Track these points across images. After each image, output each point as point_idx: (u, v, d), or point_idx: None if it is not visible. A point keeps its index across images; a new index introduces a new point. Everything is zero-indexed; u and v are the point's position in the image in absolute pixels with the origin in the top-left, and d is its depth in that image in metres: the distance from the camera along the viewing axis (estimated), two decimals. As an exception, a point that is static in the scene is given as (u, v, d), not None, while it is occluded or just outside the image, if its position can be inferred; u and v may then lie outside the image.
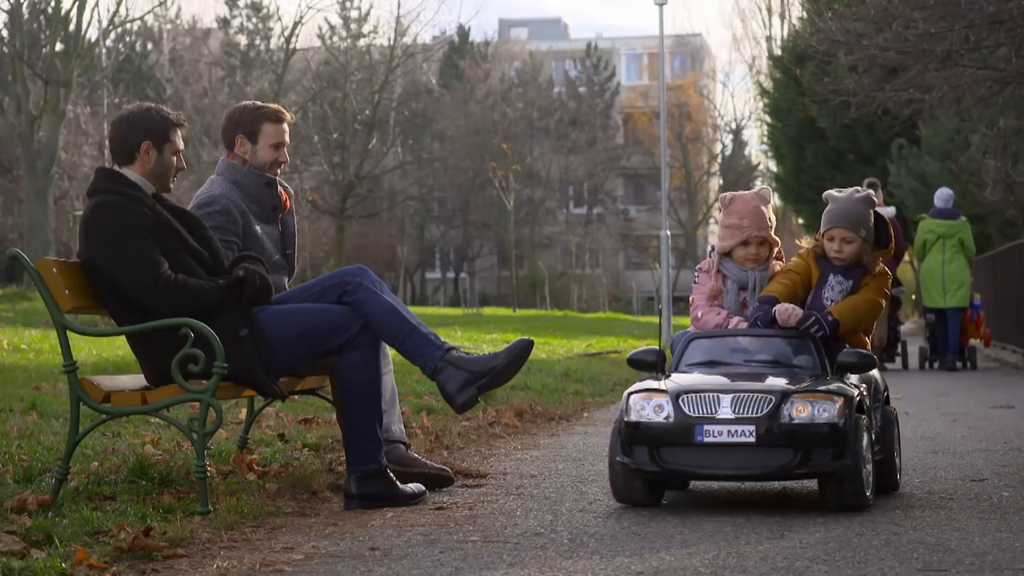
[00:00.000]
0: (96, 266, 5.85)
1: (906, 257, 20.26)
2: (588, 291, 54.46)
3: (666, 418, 5.66)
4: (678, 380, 5.85)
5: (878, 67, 17.83)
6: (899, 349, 17.79)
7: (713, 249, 6.48)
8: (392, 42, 39.84)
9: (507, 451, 8.25)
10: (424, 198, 56.07)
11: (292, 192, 6.95)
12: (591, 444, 8.58)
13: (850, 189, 6.41)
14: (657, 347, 6.15)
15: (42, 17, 41.46)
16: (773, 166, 45.63)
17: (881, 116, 21.23)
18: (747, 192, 6.53)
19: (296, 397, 8.67)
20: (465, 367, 6.02)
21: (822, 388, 5.74)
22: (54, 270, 5.72)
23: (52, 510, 5.42)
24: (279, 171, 6.74)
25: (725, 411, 5.62)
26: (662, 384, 5.82)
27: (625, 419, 5.74)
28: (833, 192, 6.42)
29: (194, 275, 5.88)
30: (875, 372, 6.39)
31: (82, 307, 5.90)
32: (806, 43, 22.42)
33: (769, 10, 58.19)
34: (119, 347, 14.76)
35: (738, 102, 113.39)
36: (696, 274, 6.56)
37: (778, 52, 41.37)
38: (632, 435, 5.73)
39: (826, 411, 5.61)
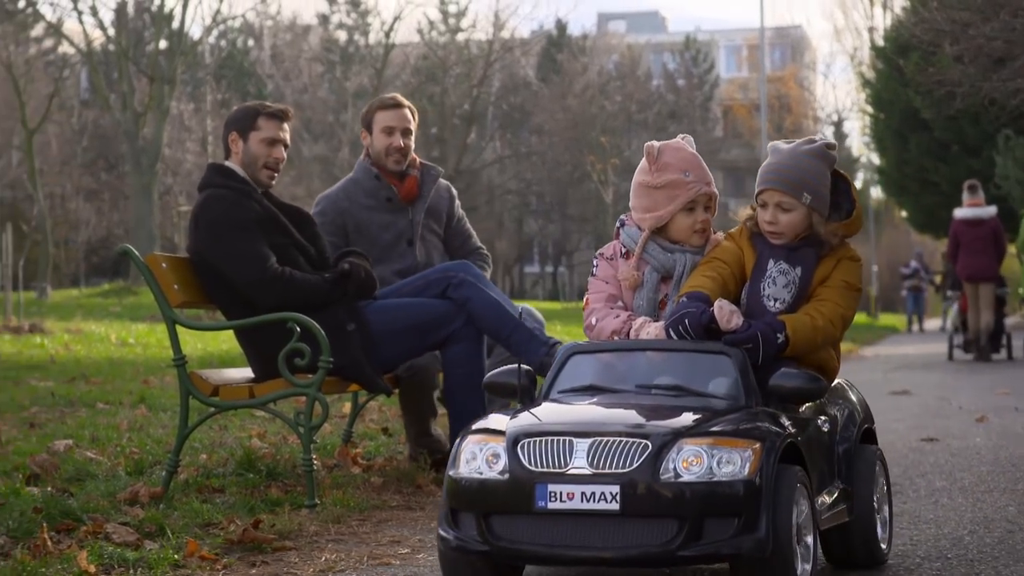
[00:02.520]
0: (204, 260, 5.91)
1: (1011, 250, 19.87)
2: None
3: (501, 473, 3.97)
4: (528, 416, 4.13)
5: (984, 57, 17.57)
6: (1004, 341, 17.89)
7: (623, 225, 4.73)
8: (490, 36, 39.88)
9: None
10: (522, 192, 56.15)
11: (436, 175, 6.84)
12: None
13: (801, 140, 4.70)
14: (528, 367, 4.44)
15: (147, 15, 42.04)
16: (875, 158, 45.09)
17: (987, 106, 20.91)
18: (676, 139, 4.79)
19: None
20: (570, 362, 5.99)
21: (727, 427, 4.01)
22: (163, 265, 5.79)
23: (163, 502, 5.49)
24: (397, 158, 6.69)
25: (579, 463, 3.91)
26: (506, 422, 4.10)
27: (449, 472, 4.08)
28: (779, 143, 4.75)
29: (300, 270, 5.92)
30: (852, 395, 4.80)
31: (190, 302, 5.96)
32: (910, 33, 22.14)
33: (871, 0, 57.49)
34: (223, 341, 14.94)
35: (839, 93, 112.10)
36: (595, 264, 4.75)
37: (881, 43, 40.85)
38: (456, 496, 4.05)
39: (730, 462, 3.90)
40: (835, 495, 4.44)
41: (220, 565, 4.60)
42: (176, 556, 4.60)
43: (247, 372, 6.14)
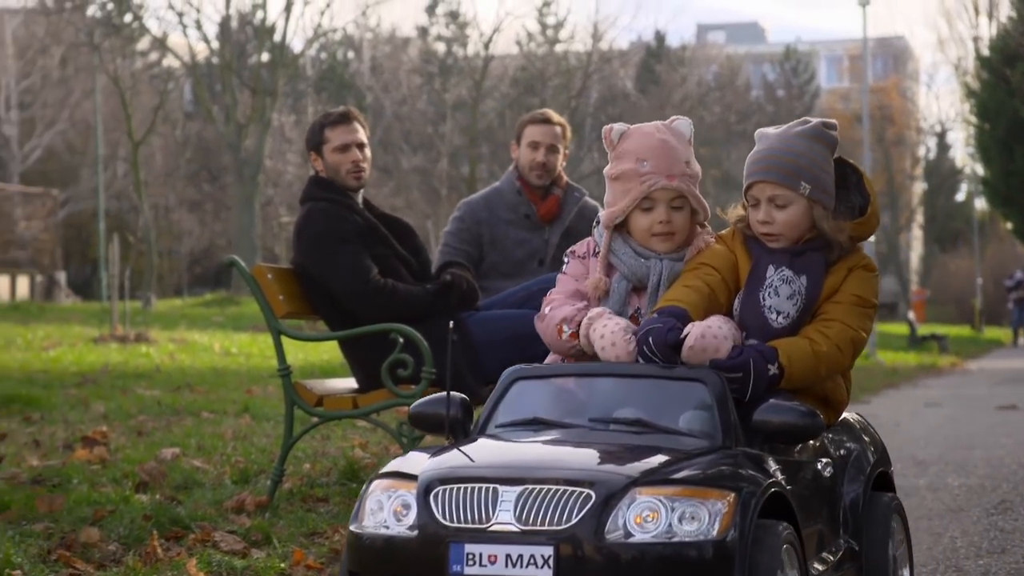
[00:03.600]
0: (308, 271, 5.97)
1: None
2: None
3: (410, 528, 3.29)
4: (450, 456, 3.43)
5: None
6: None
7: (598, 223, 4.07)
8: (589, 48, 39.89)
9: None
10: (620, 203, 56.00)
11: (579, 197, 6.73)
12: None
13: (793, 122, 4.00)
14: (462, 395, 3.72)
15: (250, 28, 42.55)
16: (980, 169, 44.46)
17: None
18: (652, 123, 4.12)
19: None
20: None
21: (694, 473, 3.27)
22: (268, 276, 5.84)
23: (268, 511, 5.54)
24: (540, 174, 6.62)
25: (505, 517, 3.21)
26: (423, 463, 3.38)
27: (351, 526, 3.42)
28: (766, 129, 4.05)
29: (402, 280, 5.96)
30: (863, 432, 4.10)
31: (295, 312, 6.01)
32: (1016, 43, 21.81)
33: (976, 10, 56.72)
34: (324, 351, 15.06)
35: (942, 104, 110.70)
36: (566, 261, 4.10)
37: (986, 52, 40.28)
38: (357, 556, 3.38)
39: (695, 518, 3.18)
40: (839, 555, 3.73)
41: (326, 574, 4.63)
42: (283, 565, 4.64)
43: (349, 382, 6.18)
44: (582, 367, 3.74)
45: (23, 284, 35.29)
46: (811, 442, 3.76)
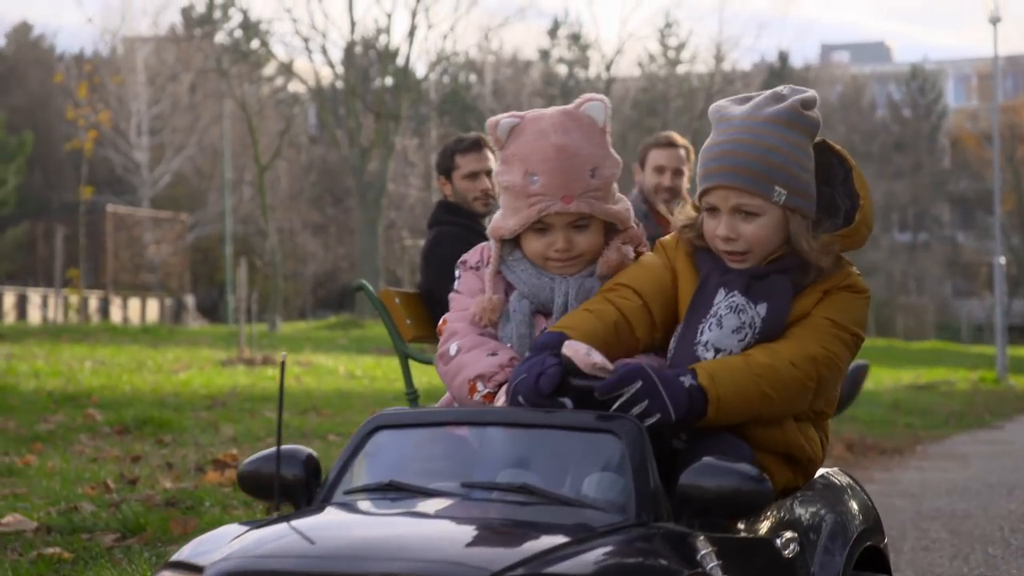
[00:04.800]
0: (435, 296, 5.98)
1: None
2: (913, 319, 52.96)
3: None
4: (255, 539, 2.57)
5: None
6: None
7: None
8: (711, 69, 39.72)
9: (840, 485, 8.05)
10: (743, 225, 55.68)
11: None
12: (928, 480, 8.30)
13: (760, 97, 3.05)
14: (307, 450, 2.94)
15: (373, 53, 42.99)
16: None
17: None
18: (549, 112, 3.22)
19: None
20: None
21: (584, 566, 2.39)
22: (396, 300, 5.86)
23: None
24: (666, 197, 6.61)
25: None
26: (221, 549, 2.58)
27: None
28: (725, 104, 3.12)
29: (529, 305, 5.95)
30: (846, 496, 3.22)
31: (421, 336, 6.02)
32: None
33: (1108, 26, 55.49)
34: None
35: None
36: (457, 275, 3.34)
37: (1119, 69, 39.39)
38: None
39: None
40: None
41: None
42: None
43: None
44: (460, 413, 2.93)
45: (153, 307, 35.94)
46: (771, 511, 2.91)
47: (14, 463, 7.24)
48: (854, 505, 3.19)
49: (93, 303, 32.90)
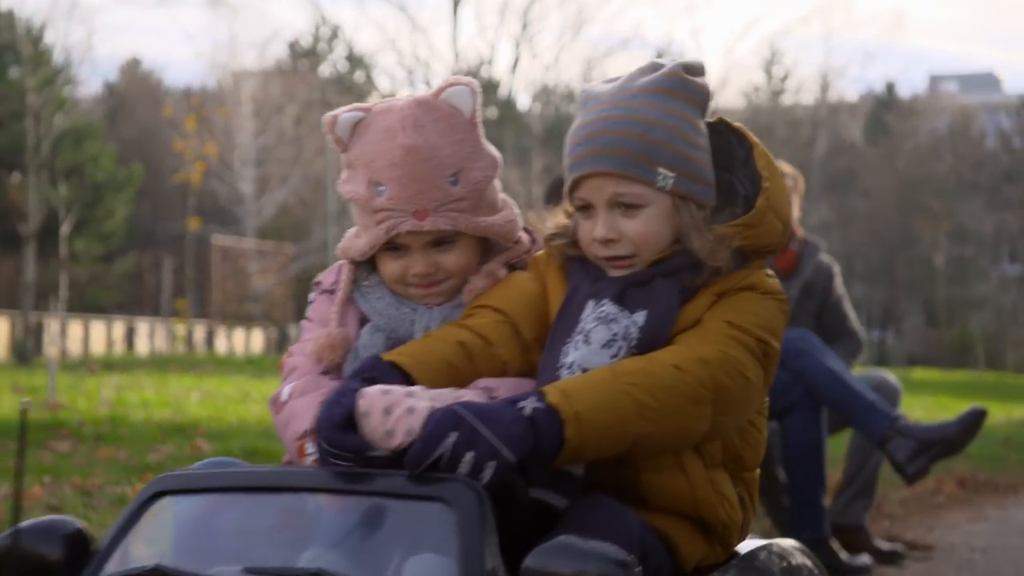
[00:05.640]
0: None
1: None
2: (1024, 353, 52.03)
3: None
4: None
5: None
6: None
7: None
8: (817, 99, 39.44)
9: (953, 522, 7.91)
10: (849, 256, 55.14)
11: (816, 250, 6.56)
12: (1044, 518, 8.13)
13: (636, 70, 2.51)
14: (76, 523, 2.32)
15: (476, 85, 43.26)
16: None
17: None
18: (400, 103, 2.65)
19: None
20: (915, 436, 5.79)
21: None
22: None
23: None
24: None
25: None
26: None
27: None
28: (594, 83, 2.58)
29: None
30: (791, 569, 2.61)
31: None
32: None
33: None
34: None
35: None
36: (311, 296, 2.80)
37: None
38: None
39: None
40: None
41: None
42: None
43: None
44: (254, 476, 2.32)
45: (257, 337, 36.32)
46: None
47: (126, 493, 7.32)
48: None
49: (199, 333, 33.32)
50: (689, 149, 2.45)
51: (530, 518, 2.25)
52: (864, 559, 5.97)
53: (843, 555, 5.87)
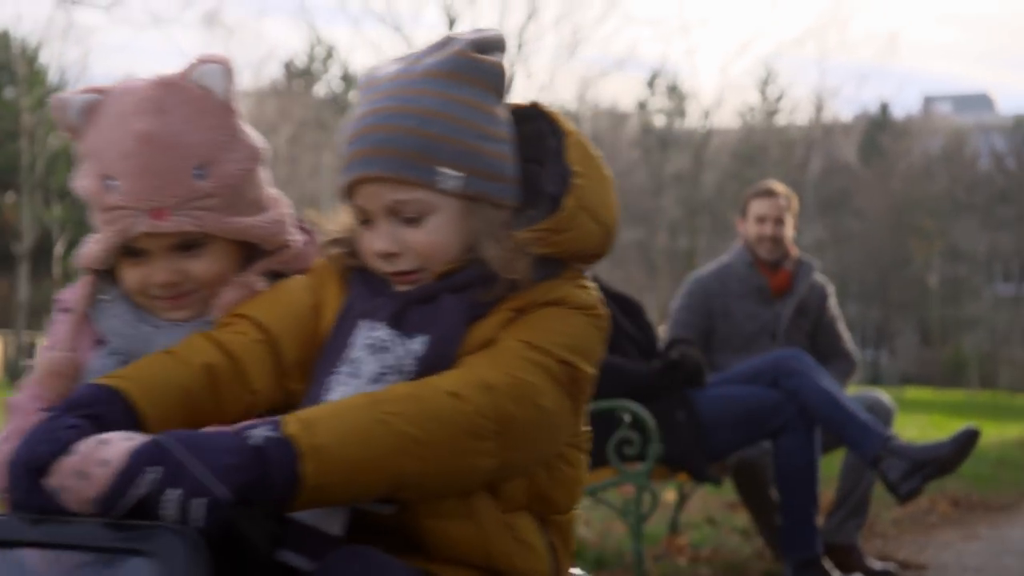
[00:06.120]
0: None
1: None
2: (1018, 372, 52.10)
3: None
4: None
5: None
6: None
7: None
8: (811, 120, 39.56)
9: (946, 541, 7.90)
10: (842, 276, 55.23)
11: (811, 270, 6.61)
12: (1037, 538, 8.12)
13: (420, 50, 2.16)
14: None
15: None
16: None
17: None
18: (140, 85, 2.24)
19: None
20: (908, 456, 5.79)
21: None
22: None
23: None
24: (769, 247, 6.53)
25: None
26: None
27: None
28: (380, 64, 2.19)
29: (628, 357, 5.92)
30: None
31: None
32: None
33: None
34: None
35: None
36: (53, 318, 2.35)
37: None
38: None
39: None
40: None
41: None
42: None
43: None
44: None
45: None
46: None
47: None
48: None
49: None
50: (480, 142, 2.06)
51: None
52: (857, 579, 5.97)
53: (836, 575, 5.86)
